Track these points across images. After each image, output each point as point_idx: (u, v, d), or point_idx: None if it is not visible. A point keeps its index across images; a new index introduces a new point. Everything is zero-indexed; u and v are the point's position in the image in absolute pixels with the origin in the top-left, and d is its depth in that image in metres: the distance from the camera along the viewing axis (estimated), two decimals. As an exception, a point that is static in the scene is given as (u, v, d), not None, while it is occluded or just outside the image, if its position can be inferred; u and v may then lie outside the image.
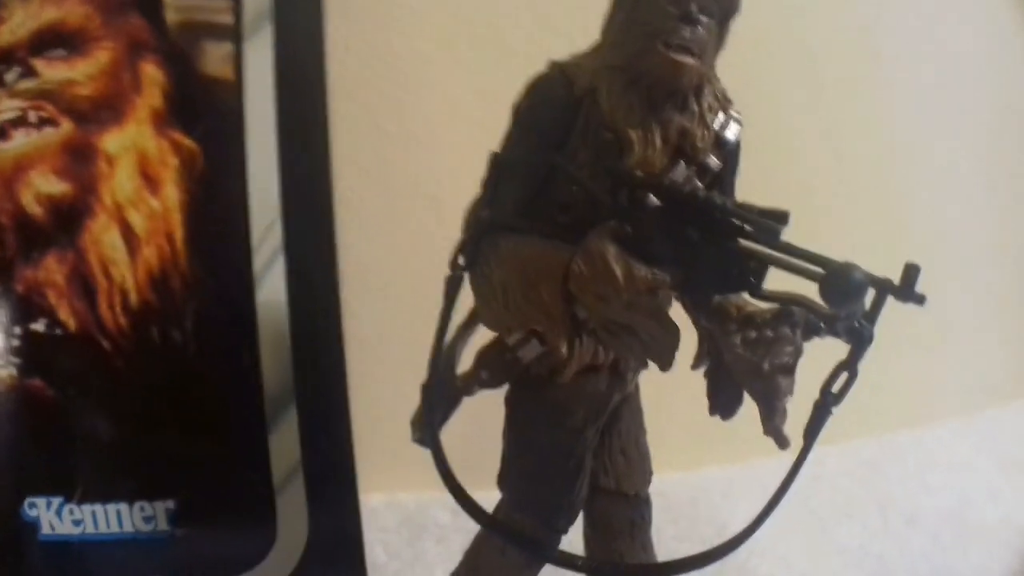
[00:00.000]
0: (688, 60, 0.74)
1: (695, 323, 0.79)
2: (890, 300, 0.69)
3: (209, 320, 1.05)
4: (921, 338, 1.52)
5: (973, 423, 1.63)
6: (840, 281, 0.66)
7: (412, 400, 0.86)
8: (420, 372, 0.84)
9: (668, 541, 0.94)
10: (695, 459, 1.39)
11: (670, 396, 0.93)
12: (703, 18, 0.75)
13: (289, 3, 1.08)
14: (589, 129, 0.77)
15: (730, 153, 0.80)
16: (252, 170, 1.06)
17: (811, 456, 0.75)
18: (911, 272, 0.68)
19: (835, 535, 1.28)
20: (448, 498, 0.81)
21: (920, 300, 0.68)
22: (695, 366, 0.80)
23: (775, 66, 1.40)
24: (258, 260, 1.06)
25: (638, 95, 0.76)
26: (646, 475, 0.92)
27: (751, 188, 0.80)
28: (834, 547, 1.26)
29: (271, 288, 1.06)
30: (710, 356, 0.80)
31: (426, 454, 0.84)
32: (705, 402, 0.80)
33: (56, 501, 1.02)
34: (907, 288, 0.68)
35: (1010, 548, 1.25)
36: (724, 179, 0.81)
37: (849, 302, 0.67)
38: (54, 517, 1.02)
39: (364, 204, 1.23)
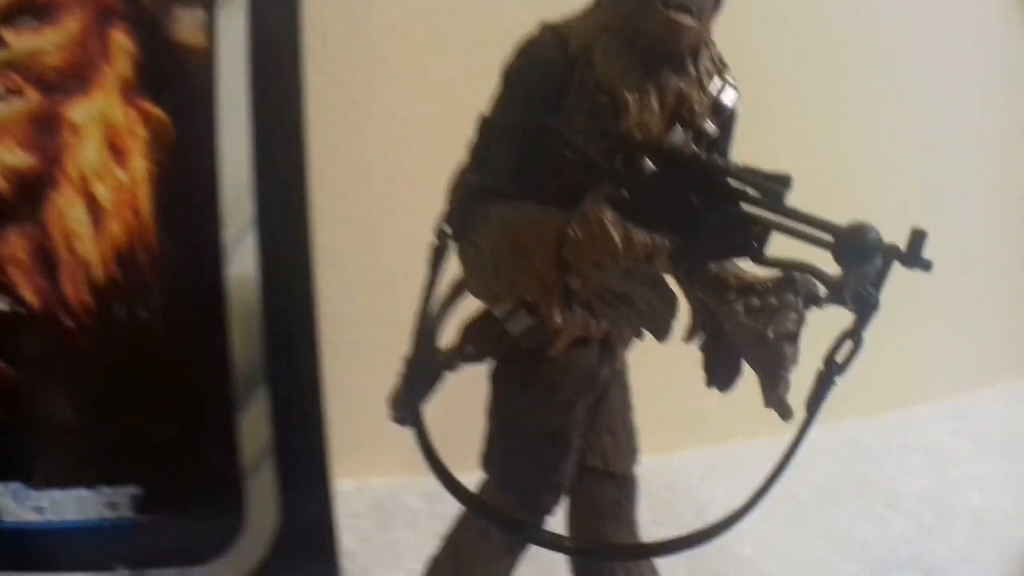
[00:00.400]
0: (687, 20, 0.71)
1: (688, 295, 0.76)
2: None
3: (177, 297, 1.01)
4: (903, 321, 1.50)
5: (955, 407, 1.63)
6: (855, 239, 0.63)
7: (385, 382, 0.83)
8: (394, 353, 0.81)
9: (647, 525, 0.91)
10: (672, 443, 1.37)
11: (646, 379, 0.89)
12: None
13: None
14: (583, 92, 0.73)
15: (727, 119, 0.77)
16: (223, 141, 1.02)
17: (788, 438, 0.73)
18: (917, 238, 0.65)
19: (817, 518, 1.26)
20: (420, 483, 0.79)
21: (927, 266, 0.65)
22: (689, 339, 0.77)
23: (766, 36, 1.38)
24: (228, 234, 1.02)
25: (634, 56, 0.72)
26: (633, 454, 0.89)
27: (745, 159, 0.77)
28: (816, 530, 1.24)
29: (242, 263, 1.02)
30: (705, 328, 0.77)
31: (398, 438, 0.81)
32: (682, 385, 0.78)
33: (15, 486, 0.99)
34: (914, 254, 0.65)
35: (996, 534, 1.23)
36: (720, 146, 0.78)
37: (864, 261, 0.64)
38: (13, 503, 0.99)
39: (338, 179, 1.19)
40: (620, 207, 0.68)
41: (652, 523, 0.91)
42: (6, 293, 0.98)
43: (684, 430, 1.39)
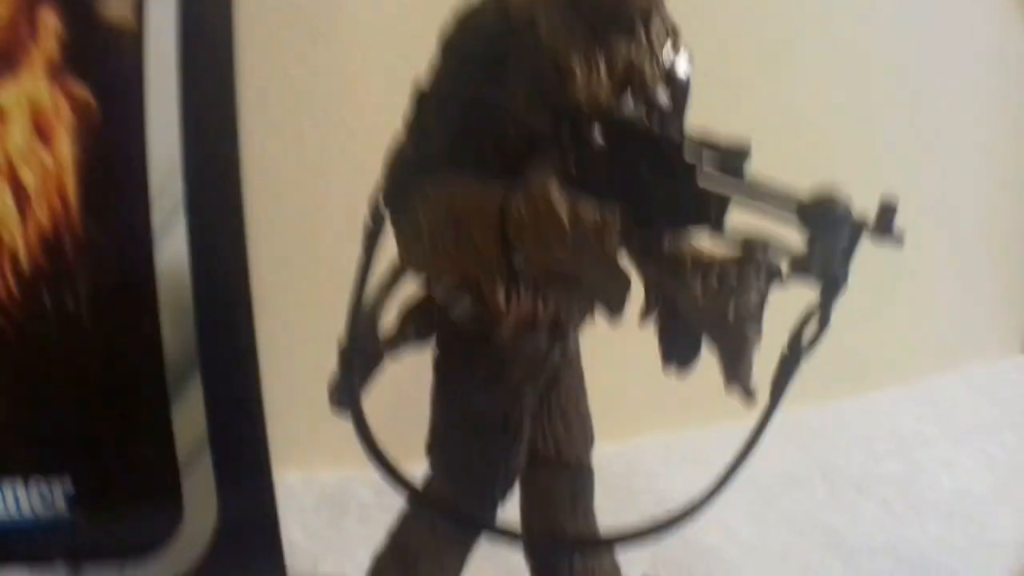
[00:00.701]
0: None
1: (641, 273, 0.72)
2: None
3: (105, 285, 0.97)
4: (861, 304, 1.48)
5: (918, 391, 1.60)
6: (822, 208, 0.59)
7: (329, 369, 0.78)
8: (336, 339, 0.76)
9: (606, 515, 0.87)
10: (628, 430, 1.33)
11: (601, 364, 0.86)
12: None
13: None
14: (526, 61, 0.68)
15: (681, 90, 0.72)
16: (152, 122, 0.97)
17: (748, 422, 0.69)
18: (888, 210, 0.61)
19: (779, 504, 1.23)
20: (371, 475, 0.74)
21: (898, 239, 0.61)
22: (643, 318, 0.73)
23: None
24: (157, 218, 0.97)
25: (581, 21, 0.68)
26: (588, 442, 0.85)
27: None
28: (779, 516, 1.21)
29: (172, 249, 0.97)
30: (659, 308, 0.73)
31: (346, 429, 0.77)
32: (637, 370, 0.73)
33: (-54, 482, 0.94)
34: (884, 226, 0.61)
35: (969, 520, 1.21)
36: (674, 119, 0.73)
37: (833, 232, 0.60)
38: (-57, 499, 0.94)
39: (272, 161, 1.14)
40: (567, 181, 0.64)
41: (611, 513, 0.86)
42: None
43: (641, 417, 1.36)
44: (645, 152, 0.64)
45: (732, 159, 0.62)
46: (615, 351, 0.84)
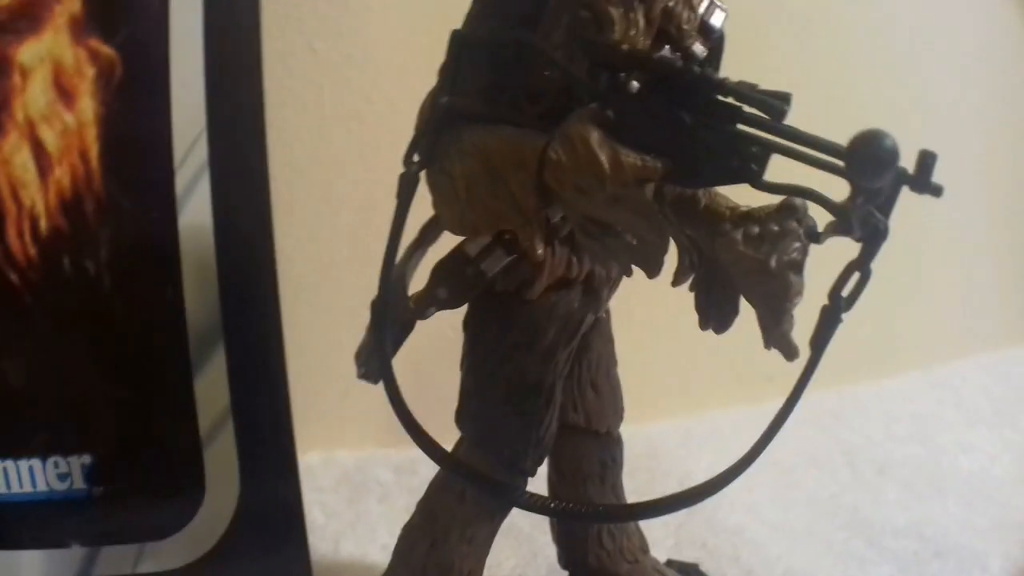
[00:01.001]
0: None
1: (675, 233, 0.71)
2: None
3: (126, 248, 0.94)
4: (879, 289, 1.47)
5: (938, 376, 1.60)
6: (872, 147, 0.57)
7: (349, 347, 0.77)
8: (359, 315, 0.75)
9: (628, 496, 0.87)
10: (649, 413, 1.32)
11: (621, 348, 0.84)
12: None
13: None
14: (563, 5, 0.67)
15: (715, 42, 0.71)
16: (176, 81, 0.95)
17: (768, 406, 0.66)
18: (927, 160, 0.59)
19: (803, 485, 1.22)
20: (390, 455, 0.74)
21: (937, 191, 0.59)
22: (677, 281, 0.72)
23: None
24: (181, 180, 0.95)
25: None
26: (618, 411, 0.84)
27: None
28: (803, 497, 1.19)
29: (195, 211, 0.95)
30: (695, 269, 0.71)
31: (365, 408, 0.76)
32: (657, 353, 0.72)
33: (-41, 456, 0.91)
34: (923, 177, 0.59)
35: (991, 501, 1.19)
36: (709, 67, 0.72)
37: (881, 172, 0.57)
38: (-44, 474, 0.91)
39: (295, 125, 1.13)
40: (606, 128, 0.63)
41: (633, 494, 0.85)
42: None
43: (661, 400, 1.34)
44: (684, 97, 0.62)
45: (773, 105, 0.60)
46: (636, 334, 0.82)
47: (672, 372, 1.20)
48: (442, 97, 0.68)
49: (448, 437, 0.77)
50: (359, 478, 1.18)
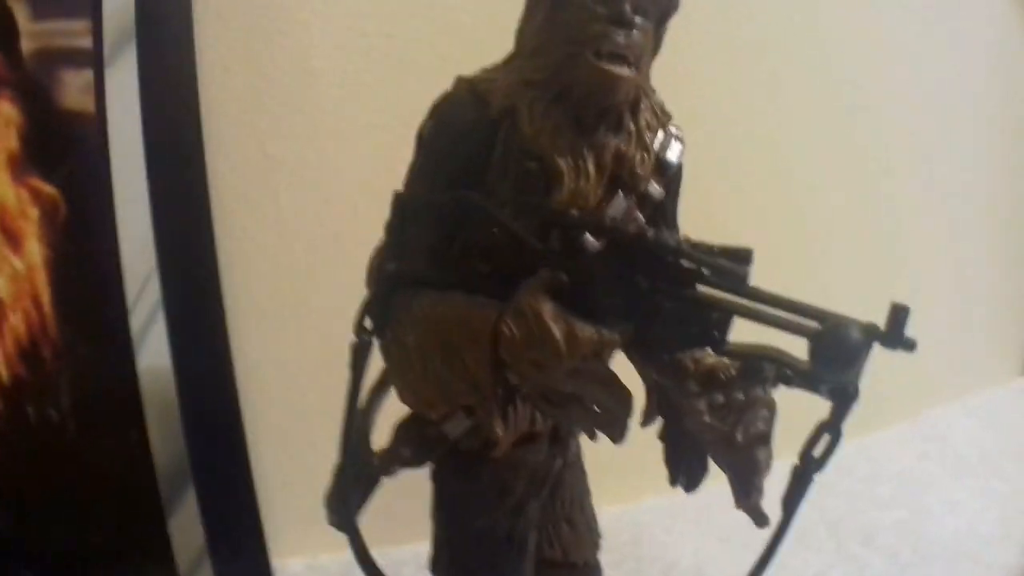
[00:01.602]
0: (623, 71, 0.64)
1: (643, 375, 0.69)
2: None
3: (87, 394, 0.93)
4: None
5: (921, 426, 1.58)
6: (835, 345, 0.56)
7: (325, 453, 0.74)
8: (330, 419, 0.72)
9: (614, 586, 0.84)
10: (634, 491, 1.30)
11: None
12: (638, 19, 0.64)
13: (154, 17, 0.96)
14: (509, 157, 0.66)
15: (672, 177, 0.70)
16: (122, 217, 0.94)
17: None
18: (899, 315, 0.58)
19: (789, 565, 1.19)
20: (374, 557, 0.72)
21: (910, 346, 0.58)
22: (645, 423, 0.70)
23: (714, 64, 1.30)
24: (136, 321, 0.94)
25: (565, 114, 0.65)
26: (595, 540, 0.82)
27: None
28: (791, 576, 1.17)
29: (153, 351, 0.95)
30: (664, 413, 0.70)
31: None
32: (641, 430, 0.70)
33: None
34: (896, 333, 0.58)
35: (975, 561, 1.18)
36: (668, 207, 0.70)
37: (846, 368, 0.57)
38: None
39: (251, 242, 1.09)
40: (560, 293, 0.61)
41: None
42: None
43: (646, 477, 1.32)
44: (640, 259, 0.61)
45: (732, 267, 0.59)
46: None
47: (657, 447, 1.18)
48: (389, 263, 0.66)
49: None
50: (344, 583, 1.17)
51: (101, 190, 0.94)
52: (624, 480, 0.98)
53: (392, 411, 0.73)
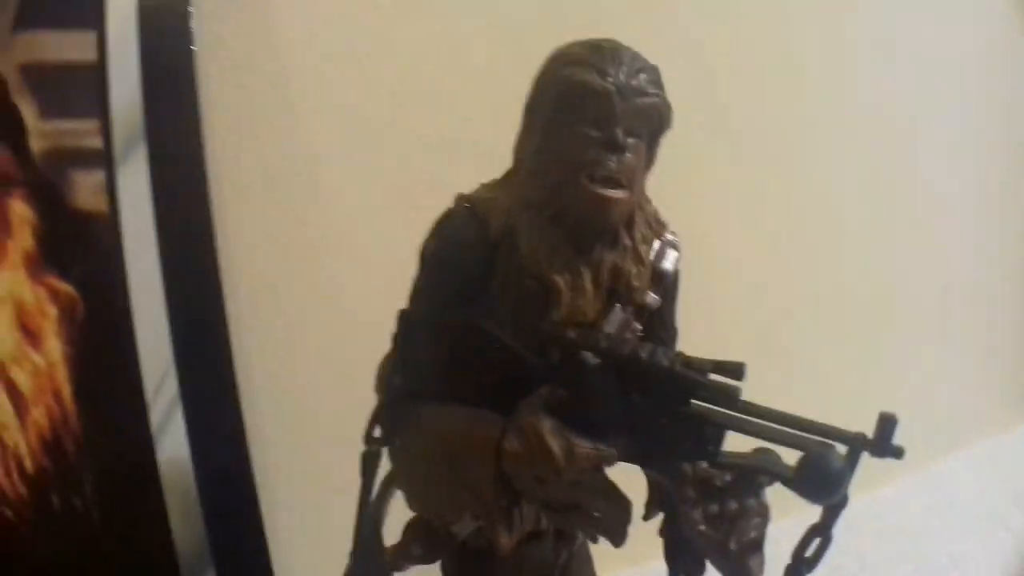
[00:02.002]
0: (617, 194, 0.67)
1: (645, 472, 0.71)
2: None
3: (110, 484, 0.96)
4: (861, 389, 1.48)
5: (925, 477, 1.58)
6: (817, 476, 0.59)
7: (341, 542, 0.76)
8: (347, 509, 0.75)
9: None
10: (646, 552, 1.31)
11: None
12: (630, 141, 0.67)
13: (164, 116, 0.99)
14: (509, 276, 0.69)
15: (669, 285, 0.73)
16: (138, 314, 0.97)
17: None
18: (887, 425, 0.60)
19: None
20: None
21: (898, 453, 0.61)
22: (647, 517, 0.73)
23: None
24: (155, 416, 0.97)
25: (562, 234, 0.68)
26: None
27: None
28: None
29: (172, 445, 0.97)
30: (664, 508, 0.72)
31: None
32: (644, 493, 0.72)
33: None
34: (884, 443, 0.61)
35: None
36: (664, 313, 0.73)
37: (833, 493, 0.59)
38: None
39: (265, 332, 1.10)
40: (559, 408, 0.64)
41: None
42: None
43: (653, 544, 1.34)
44: (636, 377, 0.63)
45: (725, 385, 0.62)
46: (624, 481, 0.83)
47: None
48: (395, 376, 0.69)
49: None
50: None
51: (117, 288, 0.96)
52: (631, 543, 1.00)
53: (403, 508, 0.75)
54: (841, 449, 0.61)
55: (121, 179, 0.97)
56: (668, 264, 0.72)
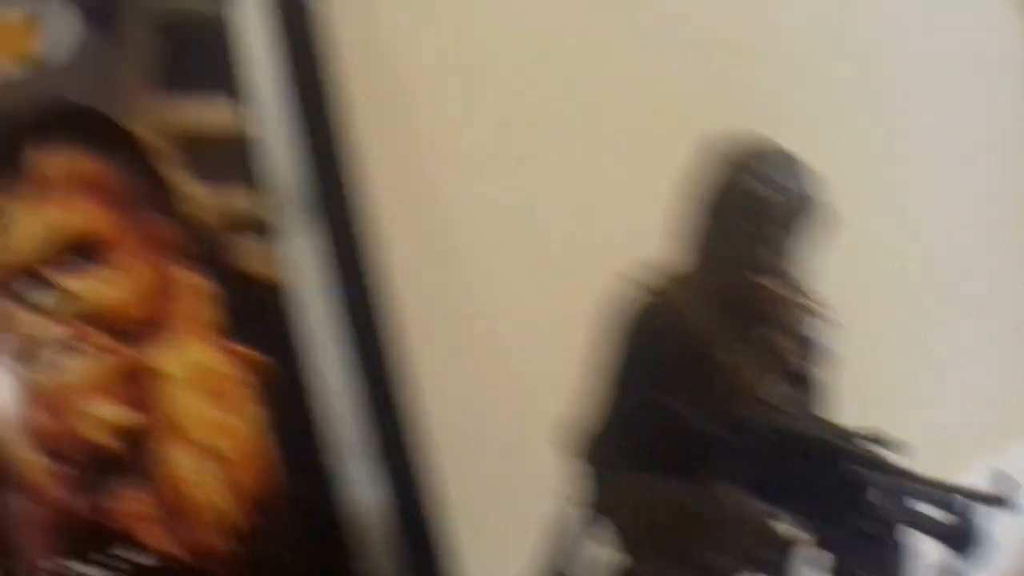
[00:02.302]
0: (775, 283, 0.76)
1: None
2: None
3: (314, 537, 1.05)
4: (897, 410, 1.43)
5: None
6: (970, 540, 0.68)
7: None
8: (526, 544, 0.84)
9: None
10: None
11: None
12: (782, 233, 0.76)
13: (331, 192, 1.07)
14: (691, 360, 0.80)
15: (821, 354, 0.83)
16: (326, 377, 1.06)
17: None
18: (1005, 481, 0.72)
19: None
20: None
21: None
22: None
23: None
24: (351, 468, 1.06)
25: (733, 321, 0.79)
26: None
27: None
28: None
29: (365, 494, 1.07)
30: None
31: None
32: None
33: None
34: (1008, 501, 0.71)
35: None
36: (819, 382, 0.84)
37: (976, 551, 0.68)
38: None
39: (444, 393, 1.14)
40: (749, 480, 0.73)
41: None
42: (147, 550, 0.99)
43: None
44: (817, 461, 0.73)
45: (902, 471, 0.73)
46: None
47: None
48: (600, 447, 0.81)
49: None
50: None
51: (300, 351, 1.04)
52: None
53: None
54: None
55: (286, 243, 1.05)
56: (818, 335, 0.81)
